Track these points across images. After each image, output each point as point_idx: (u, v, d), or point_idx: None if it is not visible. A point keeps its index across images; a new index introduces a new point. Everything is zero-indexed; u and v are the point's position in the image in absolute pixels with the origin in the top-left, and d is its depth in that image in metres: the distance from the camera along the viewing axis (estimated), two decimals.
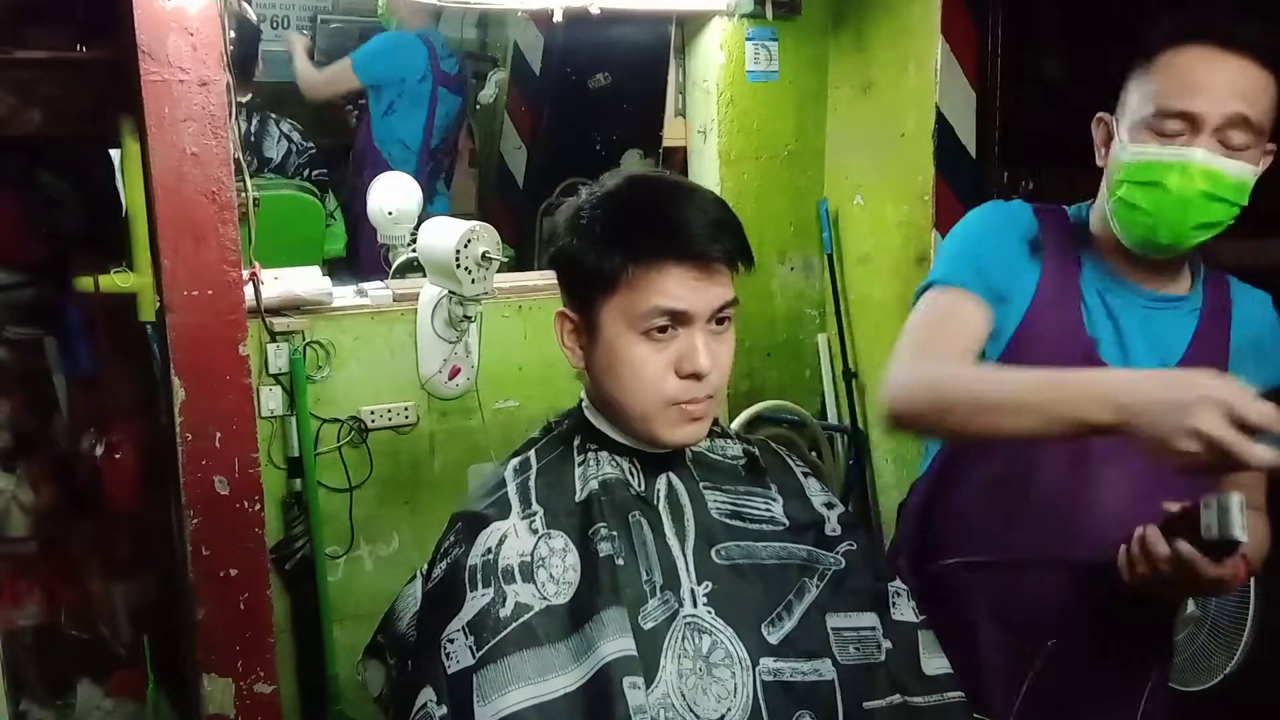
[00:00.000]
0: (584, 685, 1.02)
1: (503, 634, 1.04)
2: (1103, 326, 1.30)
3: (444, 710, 1.03)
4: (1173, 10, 1.25)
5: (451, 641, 1.06)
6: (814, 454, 2.70)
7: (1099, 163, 1.31)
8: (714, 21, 2.59)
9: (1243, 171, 1.21)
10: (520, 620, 1.05)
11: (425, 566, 1.20)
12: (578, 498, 1.13)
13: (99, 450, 2.27)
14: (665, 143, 2.90)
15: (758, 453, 1.26)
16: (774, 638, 1.10)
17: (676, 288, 1.07)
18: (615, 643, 1.03)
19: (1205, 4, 1.28)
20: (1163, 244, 1.25)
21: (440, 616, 1.08)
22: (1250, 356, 1.29)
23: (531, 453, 1.20)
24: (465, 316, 2.27)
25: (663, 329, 1.08)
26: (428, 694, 1.05)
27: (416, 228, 2.42)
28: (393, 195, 2.51)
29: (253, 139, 3.21)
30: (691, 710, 1.04)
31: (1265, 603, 1.77)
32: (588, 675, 1.03)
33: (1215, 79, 1.20)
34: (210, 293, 1.87)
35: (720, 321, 1.12)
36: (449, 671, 1.04)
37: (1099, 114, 1.31)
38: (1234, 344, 1.30)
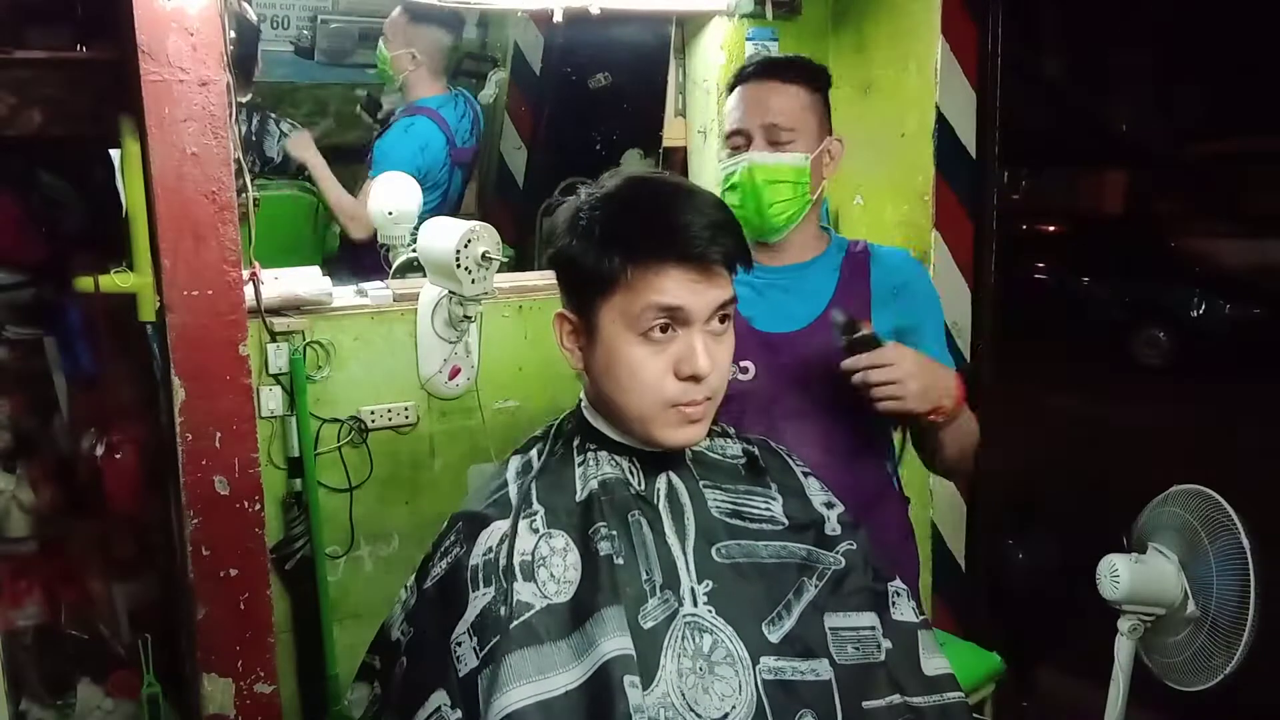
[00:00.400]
0: (585, 683, 1.03)
1: (504, 633, 1.04)
2: (754, 305, 1.66)
3: (459, 714, 1.03)
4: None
5: (459, 644, 1.06)
6: None
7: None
8: (714, 21, 2.59)
9: (791, 159, 1.65)
10: (521, 619, 1.05)
11: (412, 579, 1.20)
12: (578, 497, 1.13)
13: (99, 450, 2.27)
14: (665, 143, 2.90)
15: (757, 452, 1.26)
16: (774, 636, 1.10)
17: (675, 288, 1.07)
18: (614, 641, 1.03)
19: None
20: (759, 227, 1.68)
21: (446, 618, 1.08)
22: (891, 298, 1.68)
23: (532, 453, 1.20)
24: (465, 316, 2.27)
25: (662, 329, 1.08)
26: (441, 697, 1.05)
27: (416, 228, 2.42)
28: (393, 195, 2.51)
29: (253, 139, 3.20)
30: (692, 709, 1.04)
31: (1265, 603, 1.77)
32: (589, 673, 1.03)
33: (755, 101, 1.66)
34: (210, 293, 1.87)
35: (720, 322, 1.12)
36: (460, 675, 1.05)
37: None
38: (874, 290, 1.68)
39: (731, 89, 1.71)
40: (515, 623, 1.05)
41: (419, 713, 1.06)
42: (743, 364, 1.65)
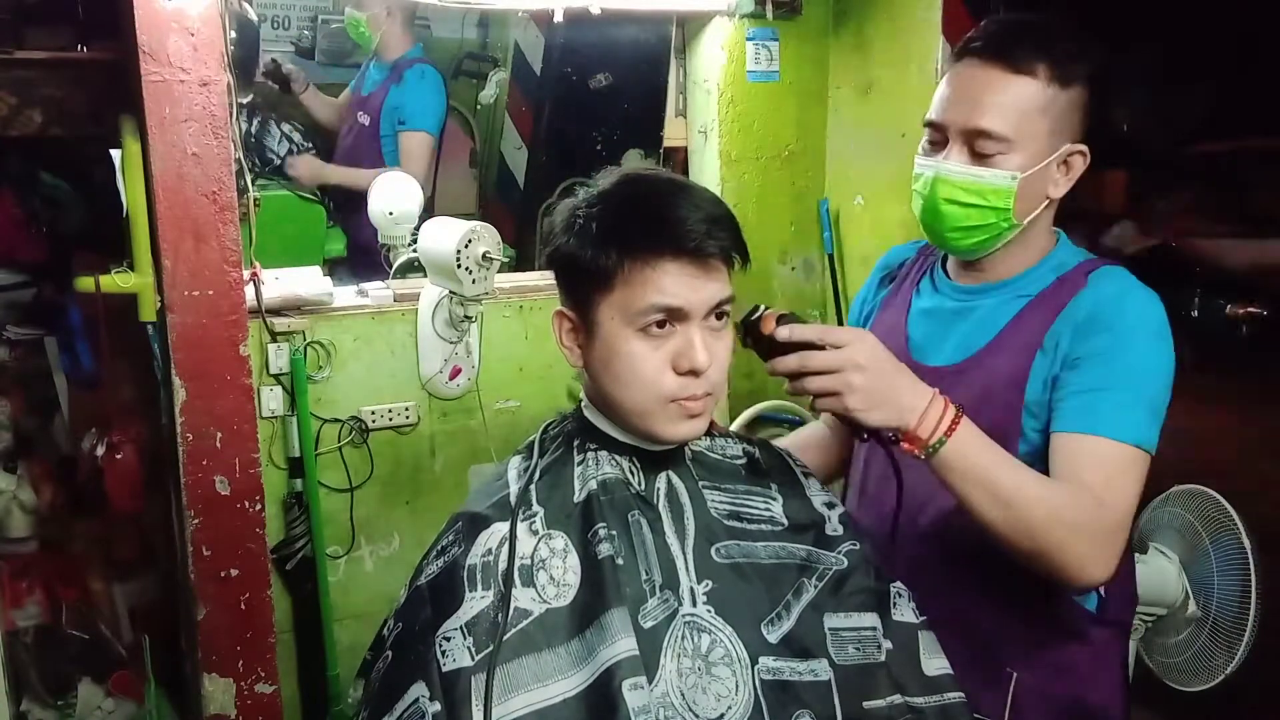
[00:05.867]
0: (585, 690, 1.02)
1: (502, 640, 1.03)
2: (924, 330, 1.40)
3: (437, 707, 1.03)
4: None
5: (448, 639, 1.05)
6: None
7: None
8: (715, 21, 2.59)
9: (992, 179, 1.27)
10: (519, 627, 1.04)
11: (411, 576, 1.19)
12: (577, 498, 1.13)
13: (100, 450, 2.27)
14: (666, 143, 2.90)
15: (757, 453, 1.26)
16: (773, 636, 1.10)
17: (673, 284, 1.07)
18: (617, 645, 1.02)
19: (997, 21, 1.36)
20: (944, 247, 1.38)
21: (436, 613, 1.08)
22: (1065, 336, 1.27)
23: (533, 453, 1.20)
24: (466, 316, 2.27)
25: (660, 325, 1.08)
26: (419, 689, 1.04)
27: (417, 228, 2.42)
28: (393, 196, 2.51)
29: (254, 139, 3.21)
30: (690, 709, 1.04)
31: (1266, 603, 1.77)
32: (589, 680, 1.02)
33: (967, 92, 1.28)
34: (211, 293, 1.87)
35: (718, 318, 1.12)
36: (444, 669, 1.04)
37: None
38: (1054, 327, 1.28)
39: (954, 58, 1.33)
40: (514, 630, 1.04)
41: (398, 704, 1.05)
42: None
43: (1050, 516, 1.14)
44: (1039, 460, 1.25)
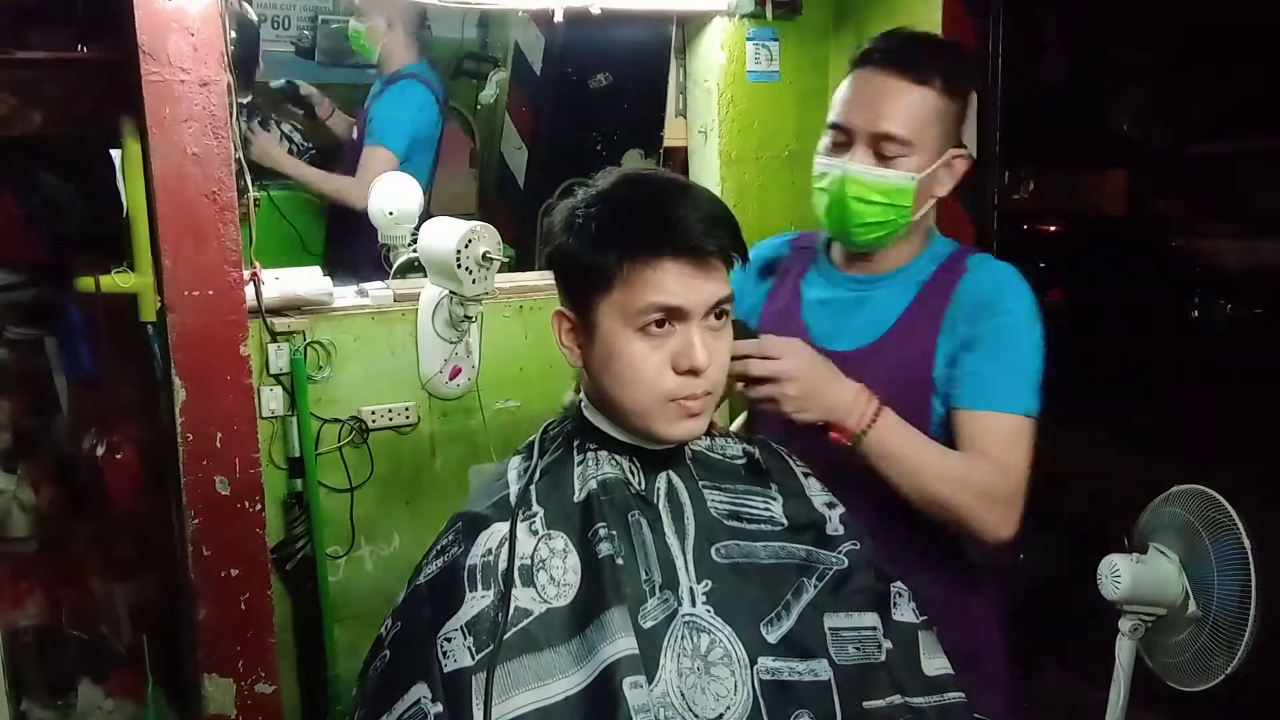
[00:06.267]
0: (586, 688, 1.02)
1: (502, 640, 1.03)
2: (820, 317, 1.53)
3: (439, 708, 1.03)
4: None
5: (449, 640, 1.05)
6: None
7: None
8: (715, 21, 2.59)
9: (895, 179, 1.42)
10: (519, 626, 1.05)
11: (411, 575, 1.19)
12: (577, 498, 1.13)
13: (100, 450, 2.27)
14: (666, 143, 2.90)
15: (757, 453, 1.26)
16: (772, 637, 1.10)
17: (672, 284, 1.07)
18: (617, 644, 1.03)
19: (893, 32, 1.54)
20: (846, 241, 1.51)
21: (436, 614, 1.08)
22: (962, 319, 1.44)
23: (533, 453, 1.20)
24: (466, 317, 2.27)
25: (659, 324, 1.08)
26: (421, 690, 1.04)
27: (417, 228, 2.42)
28: (393, 196, 2.51)
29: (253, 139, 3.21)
30: (690, 709, 1.04)
31: (1266, 603, 1.77)
32: (589, 679, 1.03)
33: (870, 99, 1.42)
34: (211, 293, 1.87)
35: (718, 317, 1.12)
36: (445, 670, 1.04)
37: None
38: (951, 308, 1.45)
39: (854, 66, 1.47)
40: (514, 630, 1.04)
41: (398, 704, 1.05)
42: None
43: (959, 488, 1.36)
44: (945, 430, 1.44)
